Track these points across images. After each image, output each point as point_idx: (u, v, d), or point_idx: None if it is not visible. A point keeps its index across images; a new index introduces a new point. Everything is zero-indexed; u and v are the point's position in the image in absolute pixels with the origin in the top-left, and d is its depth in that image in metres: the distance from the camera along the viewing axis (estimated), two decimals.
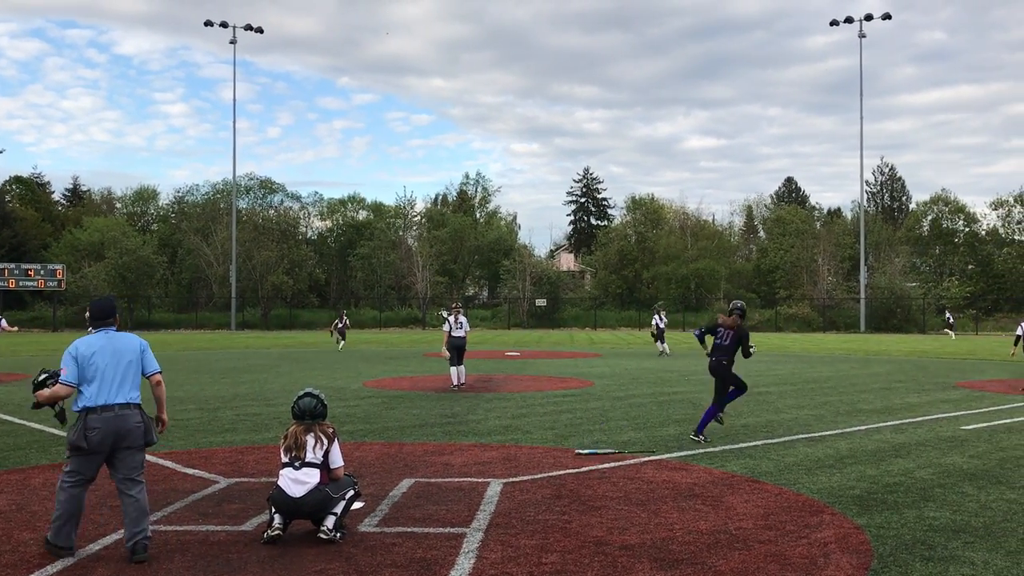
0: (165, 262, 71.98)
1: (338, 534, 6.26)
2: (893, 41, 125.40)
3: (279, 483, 6.30)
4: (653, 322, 31.06)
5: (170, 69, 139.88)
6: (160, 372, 6.25)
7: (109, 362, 5.95)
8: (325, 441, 6.43)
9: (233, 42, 67.12)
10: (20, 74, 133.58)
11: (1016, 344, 21.00)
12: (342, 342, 35.93)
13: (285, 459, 6.38)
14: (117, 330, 6.19)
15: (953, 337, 53.05)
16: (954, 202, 78.51)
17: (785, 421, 12.86)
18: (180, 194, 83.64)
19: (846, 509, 7.29)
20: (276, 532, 6.17)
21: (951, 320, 57.14)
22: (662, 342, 30.39)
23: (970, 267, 75.02)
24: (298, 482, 6.24)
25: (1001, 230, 77.03)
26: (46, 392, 6.10)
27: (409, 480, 8.40)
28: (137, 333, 7.30)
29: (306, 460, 6.32)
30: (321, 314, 70.89)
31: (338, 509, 6.33)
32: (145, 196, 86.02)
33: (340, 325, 36.58)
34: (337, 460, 6.48)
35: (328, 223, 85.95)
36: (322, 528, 6.24)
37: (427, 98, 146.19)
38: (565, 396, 16.37)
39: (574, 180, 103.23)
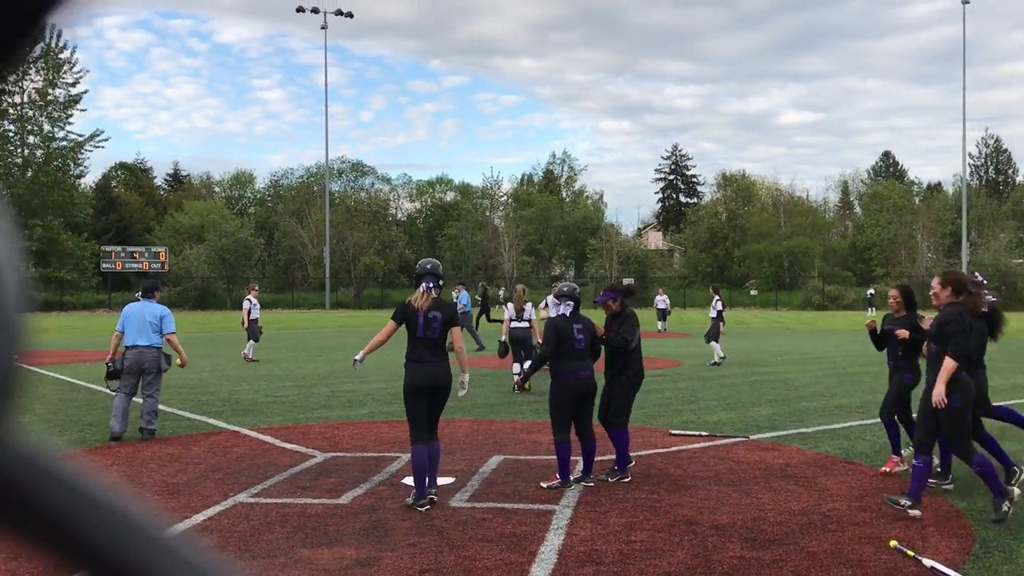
0: (262, 244, 74.02)
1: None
2: (999, 6, 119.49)
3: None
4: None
5: (267, 56, 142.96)
6: (174, 333, 9.65)
7: (138, 318, 9.41)
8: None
9: (324, 27, 68.26)
10: (128, 64, 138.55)
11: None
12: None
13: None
14: (158, 302, 9.65)
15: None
16: None
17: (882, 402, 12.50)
18: (276, 178, 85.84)
19: (946, 492, 7.09)
20: None
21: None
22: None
23: None
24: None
25: None
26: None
27: (498, 457, 8.50)
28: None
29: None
30: (410, 293, 71.86)
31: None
32: (242, 180, 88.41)
33: (720, 307, 24.80)
34: None
35: (417, 204, 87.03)
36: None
37: (516, 79, 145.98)
38: (654, 376, 16.24)
39: (663, 157, 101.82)
